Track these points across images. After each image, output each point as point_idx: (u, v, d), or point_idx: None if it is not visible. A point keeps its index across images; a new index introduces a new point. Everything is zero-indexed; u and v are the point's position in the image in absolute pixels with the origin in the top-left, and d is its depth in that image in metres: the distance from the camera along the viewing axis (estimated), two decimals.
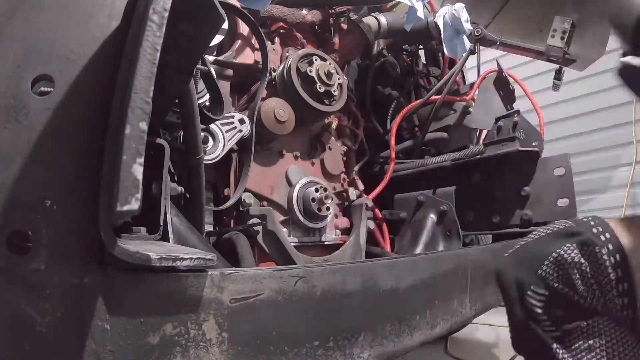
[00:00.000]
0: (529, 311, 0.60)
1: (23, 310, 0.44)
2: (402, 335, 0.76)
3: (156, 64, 0.45)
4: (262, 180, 1.23)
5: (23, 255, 0.45)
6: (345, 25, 1.52)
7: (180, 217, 0.79)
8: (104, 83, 0.51)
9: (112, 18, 0.54)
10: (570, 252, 0.59)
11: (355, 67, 1.74)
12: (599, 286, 0.57)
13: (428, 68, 1.98)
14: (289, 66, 1.23)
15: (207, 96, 1.04)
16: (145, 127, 0.43)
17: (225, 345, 0.53)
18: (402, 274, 0.76)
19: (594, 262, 0.58)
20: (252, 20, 1.20)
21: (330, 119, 1.43)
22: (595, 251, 0.58)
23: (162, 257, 0.46)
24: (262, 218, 1.15)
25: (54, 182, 0.47)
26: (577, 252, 0.59)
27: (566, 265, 0.59)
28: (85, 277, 0.47)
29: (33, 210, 0.46)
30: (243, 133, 1.14)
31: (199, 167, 0.92)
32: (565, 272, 0.59)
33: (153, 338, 0.48)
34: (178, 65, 0.63)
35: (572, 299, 0.58)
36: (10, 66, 0.48)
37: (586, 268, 0.58)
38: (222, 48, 1.36)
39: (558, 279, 0.59)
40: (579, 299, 0.58)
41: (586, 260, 0.58)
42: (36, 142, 0.47)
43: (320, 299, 0.63)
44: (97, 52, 0.52)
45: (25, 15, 0.50)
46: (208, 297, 0.52)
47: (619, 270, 0.57)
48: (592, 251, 0.58)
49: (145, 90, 0.44)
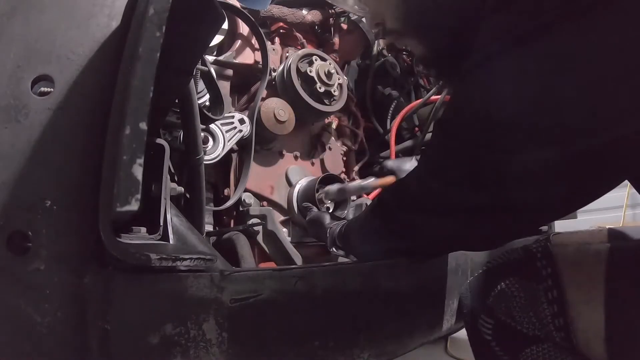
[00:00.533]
0: (482, 336, 0.66)
1: (23, 310, 0.44)
2: (402, 335, 0.76)
3: (156, 64, 0.45)
4: (262, 180, 1.23)
5: (23, 255, 0.45)
6: (345, 25, 1.52)
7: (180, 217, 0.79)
8: (104, 83, 0.51)
9: (112, 18, 0.54)
10: (511, 286, 0.63)
11: (355, 67, 1.74)
12: (538, 319, 0.61)
13: None
14: (289, 66, 1.23)
15: (207, 96, 1.04)
16: (145, 127, 0.43)
17: (225, 345, 0.53)
18: (402, 274, 0.76)
19: (533, 297, 0.61)
20: (252, 20, 1.20)
21: (330, 119, 1.43)
22: (533, 287, 0.61)
23: (162, 257, 0.46)
24: (262, 218, 1.15)
25: (54, 182, 0.47)
26: (518, 286, 0.62)
27: (507, 299, 0.63)
28: (85, 277, 0.47)
29: (33, 210, 0.46)
30: (243, 133, 1.14)
31: (199, 167, 0.92)
32: (508, 305, 0.62)
33: (153, 338, 0.48)
34: (178, 65, 0.63)
35: (516, 327, 0.62)
36: (10, 66, 0.48)
37: (526, 302, 0.61)
38: (222, 48, 1.36)
39: (501, 311, 0.63)
40: (521, 328, 0.62)
41: (525, 294, 0.61)
42: (36, 142, 0.47)
43: (320, 299, 0.63)
44: (97, 52, 0.52)
45: (25, 15, 0.50)
46: (208, 297, 0.52)
47: (555, 306, 0.60)
48: (530, 287, 0.61)
49: (145, 90, 0.44)
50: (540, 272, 0.62)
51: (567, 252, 0.63)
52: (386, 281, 0.73)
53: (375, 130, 1.72)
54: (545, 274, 0.61)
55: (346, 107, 1.47)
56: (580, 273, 0.60)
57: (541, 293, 0.60)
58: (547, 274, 0.61)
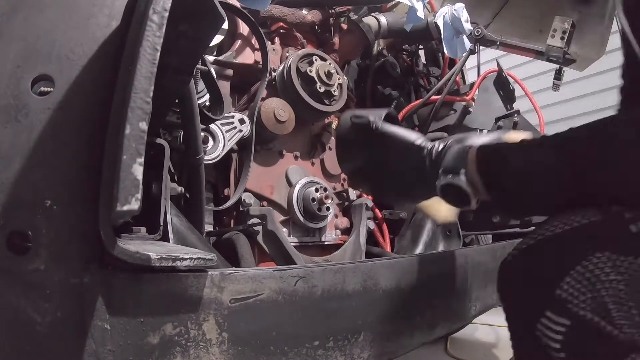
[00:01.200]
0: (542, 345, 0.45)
1: (23, 310, 0.44)
2: (402, 335, 0.76)
3: (156, 64, 0.45)
4: (262, 180, 1.23)
5: (23, 255, 0.45)
6: (345, 25, 1.52)
7: (180, 217, 0.79)
8: (104, 83, 0.51)
9: (112, 18, 0.54)
10: (602, 265, 0.43)
11: (355, 67, 1.74)
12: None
13: (428, 68, 1.97)
14: (289, 66, 1.23)
15: (207, 96, 1.04)
16: (145, 127, 0.43)
17: (225, 345, 0.53)
18: (402, 274, 0.76)
19: (636, 280, 0.42)
20: (252, 20, 1.20)
21: (330, 118, 1.43)
22: (634, 267, 0.43)
23: (162, 257, 0.46)
24: (262, 218, 1.15)
25: (54, 182, 0.47)
26: (611, 264, 0.43)
27: (598, 284, 0.43)
28: (85, 277, 0.47)
29: (33, 210, 0.46)
30: (243, 133, 1.14)
31: (199, 167, 0.92)
32: (598, 294, 0.43)
33: (153, 338, 0.48)
34: (178, 65, 0.63)
35: (604, 329, 0.42)
36: (10, 66, 0.48)
37: (625, 287, 0.42)
38: (222, 48, 1.35)
39: (586, 304, 0.43)
40: (612, 330, 0.42)
41: (622, 277, 0.43)
42: (36, 142, 0.47)
43: (320, 299, 0.63)
44: (97, 52, 0.52)
45: (25, 15, 0.50)
46: (208, 297, 0.52)
47: None
48: (629, 267, 0.43)
49: (145, 90, 0.44)
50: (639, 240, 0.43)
51: None
52: (386, 281, 0.73)
53: None
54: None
55: (346, 107, 1.47)
56: None
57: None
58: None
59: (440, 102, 1.62)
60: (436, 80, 1.94)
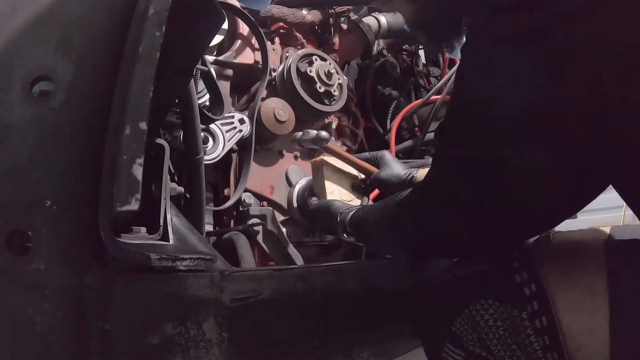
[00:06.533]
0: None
1: (23, 310, 0.44)
2: (402, 335, 0.76)
3: (156, 64, 0.45)
4: (262, 180, 1.23)
5: (23, 255, 0.45)
6: (345, 25, 1.52)
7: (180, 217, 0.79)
8: (104, 83, 0.51)
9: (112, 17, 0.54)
10: (484, 312, 0.48)
11: (355, 67, 1.74)
12: (525, 354, 0.46)
13: (428, 68, 1.97)
14: (289, 66, 1.23)
15: (207, 96, 1.04)
16: (145, 127, 0.43)
17: (225, 345, 0.53)
18: (402, 274, 0.76)
19: (514, 327, 0.46)
20: (252, 20, 1.20)
21: (330, 118, 1.43)
22: (514, 314, 0.46)
23: (162, 257, 0.46)
24: (262, 218, 1.15)
25: (54, 182, 0.47)
26: (493, 311, 0.47)
27: (479, 327, 0.48)
28: (85, 277, 0.47)
29: (33, 210, 0.46)
30: (243, 133, 1.14)
31: (199, 167, 0.92)
32: (480, 336, 0.48)
33: (153, 338, 0.48)
34: (178, 65, 0.63)
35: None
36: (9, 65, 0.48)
37: (505, 332, 0.47)
38: (222, 48, 1.35)
39: (474, 341, 0.49)
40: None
41: (503, 322, 0.47)
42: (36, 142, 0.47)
43: (320, 299, 0.63)
44: (97, 52, 0.52)
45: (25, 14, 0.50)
46: (208, 297, 0.52)
47: (545, 337, 0.45)
48: (510, 313, 0.46)
49: (145, 90, 0.44)
50: (520, 290, 0.47)
51: (557, 257, 0.48)
52: (386, 281, 0.73)
53: (375, 130, 1.72)
54: (530, 294, 0.46)
55: (346, 107, 1.47)
56: (578, 288, 0.45)
57: (525, 324, 0.46)
58: (532, 294, 0.46)
59: (440, 102, 1.61)
60: (436, 80, 1.94)
